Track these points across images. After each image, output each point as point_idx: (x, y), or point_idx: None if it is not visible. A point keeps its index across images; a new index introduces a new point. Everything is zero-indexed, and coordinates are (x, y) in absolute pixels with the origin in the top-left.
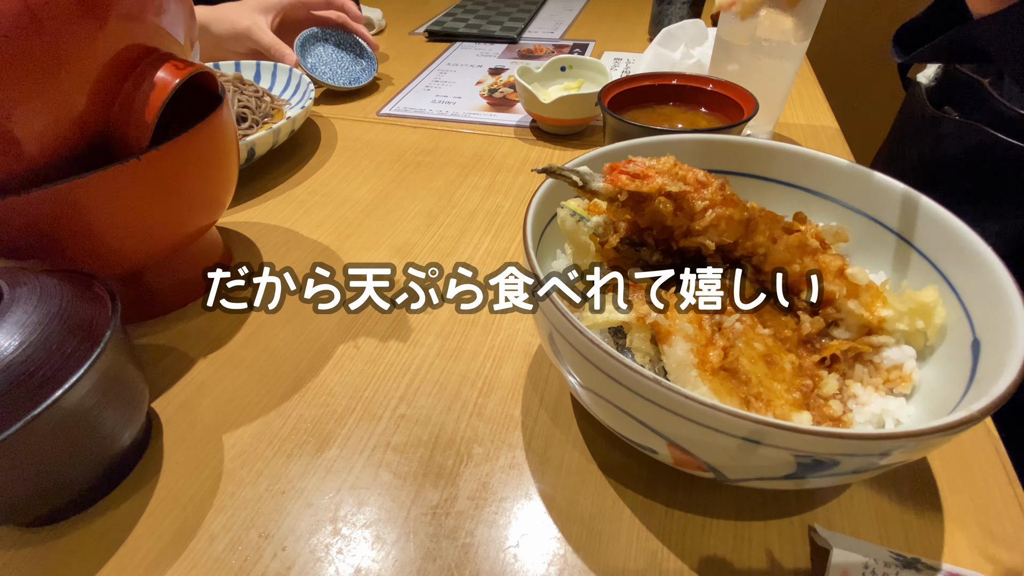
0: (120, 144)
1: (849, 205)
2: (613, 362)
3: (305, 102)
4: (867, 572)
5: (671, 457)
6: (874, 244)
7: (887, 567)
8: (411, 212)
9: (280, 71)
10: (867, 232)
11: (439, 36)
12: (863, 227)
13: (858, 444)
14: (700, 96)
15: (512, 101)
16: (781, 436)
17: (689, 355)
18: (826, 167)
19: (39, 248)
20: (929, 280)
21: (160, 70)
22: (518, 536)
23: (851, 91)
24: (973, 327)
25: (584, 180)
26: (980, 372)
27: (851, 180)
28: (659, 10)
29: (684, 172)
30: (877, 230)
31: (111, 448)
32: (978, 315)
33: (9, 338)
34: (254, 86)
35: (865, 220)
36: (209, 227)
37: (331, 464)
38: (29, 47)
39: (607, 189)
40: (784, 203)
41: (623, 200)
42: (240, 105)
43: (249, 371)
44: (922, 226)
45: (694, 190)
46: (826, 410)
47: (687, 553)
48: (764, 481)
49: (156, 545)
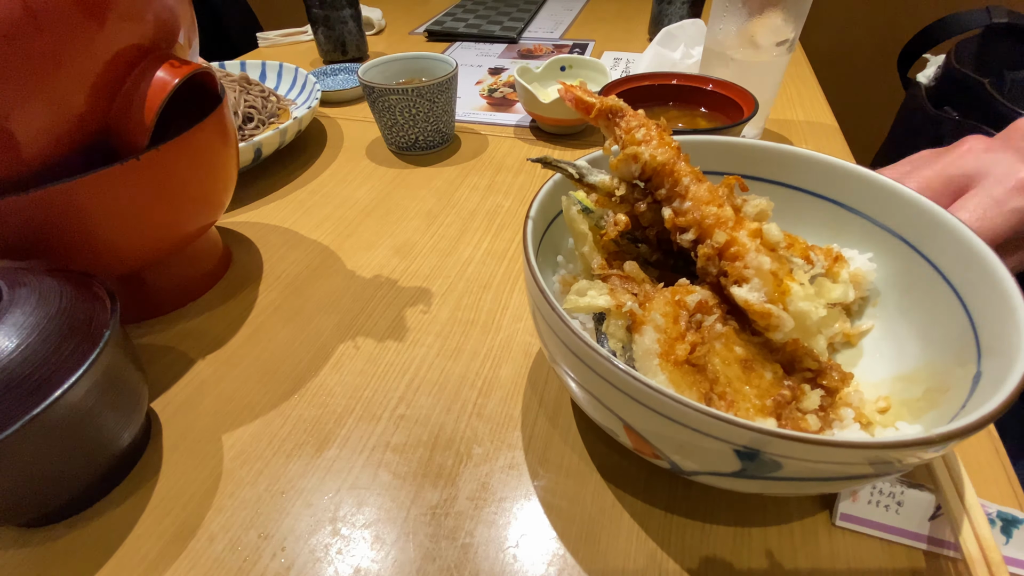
0: (120, 144)
1: (850, 207)
2: (575, 338)
3: (311, 102)
4: (875, 492)
5: (630, 441)
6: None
7: (893, 486)
8: (411, 212)
9: (286, 71)
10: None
11: (439, 36)
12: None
13: (792, 446)
14: (700, 96)
15: (512, 101)
16: (719, 427)
17: (655, 344)
18: (818, 165)
19: (39, 248)
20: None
21: (159, 70)
22: (517, 536)
23: (851, 90)
24: (980, 358)
25: (581, 173)
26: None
27: (849, 180)
28: (659, 10)
29: (627, 110)
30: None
31: (110, 448)
32: (986, 339)
33: (8, 338)
34: (260, 86)
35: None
36: (209, 227)
37: (330, 464)
38: (29, 47)
39: (604, 183)
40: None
41: (621, 195)
42: (246, 105)
43: (249, 371)
44: (935, 238)
45: (633, 116)
46: (801, 423)
47: (687, 554)
48: (716, 477)
49: (155, 545)
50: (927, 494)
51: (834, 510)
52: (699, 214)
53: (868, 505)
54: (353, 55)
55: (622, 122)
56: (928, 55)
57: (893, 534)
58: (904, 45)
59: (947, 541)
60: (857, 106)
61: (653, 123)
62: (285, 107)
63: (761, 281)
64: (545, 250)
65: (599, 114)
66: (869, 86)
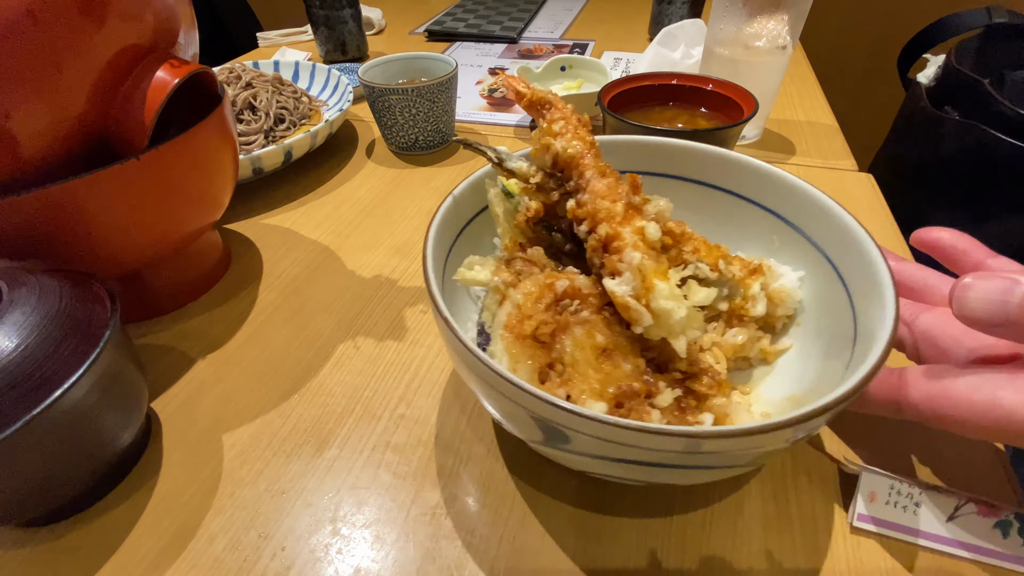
0: (120, 144)
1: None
2: (434, 302)
3: (343, 104)
4: (893, 492)
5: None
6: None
7: (911, 488)
8: (411, 212)
9: (319, 71)
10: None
11: (439, 36)
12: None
13: (570, 418)
14: (700, 96)
15: (512, 101)
16: (513, 391)
17: (505, 317)
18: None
19: (39, 248)
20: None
21: (159, 70)
22: (518, 536)
23: (851, 90)
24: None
25: (500, 157)
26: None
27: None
28: (659, 10)
29: (556, 103)
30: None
31: (110, 448)
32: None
33: (8, 338)
34: (292, 86)
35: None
36: (209, 227)
37: (330, 464)
38: (29, 47)
39: (521, 169)
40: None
41: (536, 182)
42: (278, 106)
43: (249, 371)
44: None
45: (558, 109)
46: (644, 416)
47: (687, 553)
48: (543, 448)
49: (155, 545)
50: (946, 495)
51: (851, 511)
52: (593, 207)
53: (886, 506)
54: (353, 55)
55: (548, 114)
56: (928, 55)
57: (911, 535)
58: (904, 45)
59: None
60: (857, 106)
61: (575, 118)
62: (316, 108)
63: (632, 276)
64: (485, 231)
65: (529, 104)
66: (869, 86)
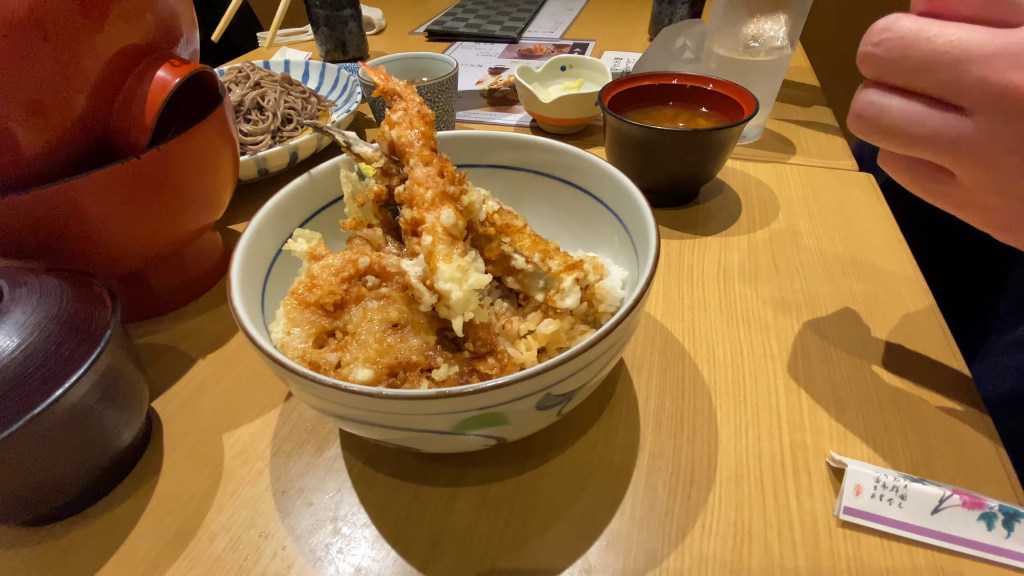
0: (120, 144)
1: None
2: (231, 278)
3: (351, 105)
4: (878, 486)
5: None
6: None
7: (897, 480)
8: None
9: (328, 71)
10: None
11: (439, 36)
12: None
13: (299, 380)
14: (700, 96)
15: (512, 101)
16: (262, 356)
17: (295, 284)
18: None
19: (39, 247)
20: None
21: (159, 70)
22: (519, 535)
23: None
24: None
25: (348, 142)
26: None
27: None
28: (659, 10)
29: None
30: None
31: (111, 448)
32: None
33: (9, 338)
34: (301, 87)
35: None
36: (209, 227)
37: (331, 463)
38: (29, 47)
39: (366, 154)
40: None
41: (379, 167)
42: (286, 106)
43: (249, 370)
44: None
45: (405, 100)
46: (416, 385)
47: (687, 553)
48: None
49: (156, 544)
50: (931, 488)
51: (837, 504)
52: (409, 192)
53: (871, 499)
54: (353, 55)
55: (394, 104)
56: None
57: (896, 528)
58: None
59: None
60: None
61: (417, 110)
62: (325, 109)
63: (423, 258)
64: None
65: (382, 94)
66: None
